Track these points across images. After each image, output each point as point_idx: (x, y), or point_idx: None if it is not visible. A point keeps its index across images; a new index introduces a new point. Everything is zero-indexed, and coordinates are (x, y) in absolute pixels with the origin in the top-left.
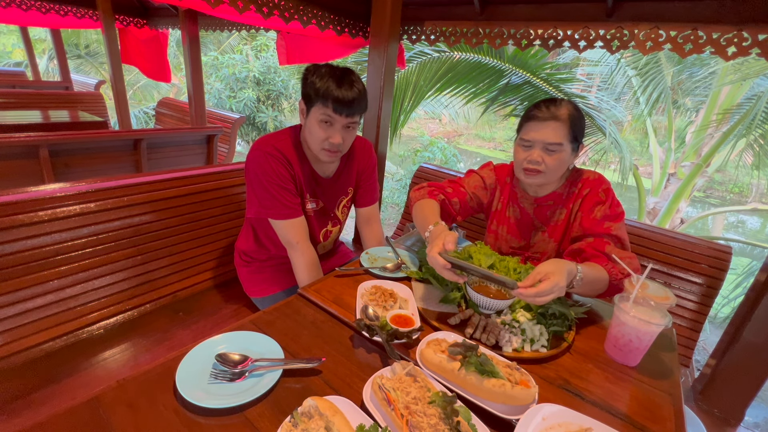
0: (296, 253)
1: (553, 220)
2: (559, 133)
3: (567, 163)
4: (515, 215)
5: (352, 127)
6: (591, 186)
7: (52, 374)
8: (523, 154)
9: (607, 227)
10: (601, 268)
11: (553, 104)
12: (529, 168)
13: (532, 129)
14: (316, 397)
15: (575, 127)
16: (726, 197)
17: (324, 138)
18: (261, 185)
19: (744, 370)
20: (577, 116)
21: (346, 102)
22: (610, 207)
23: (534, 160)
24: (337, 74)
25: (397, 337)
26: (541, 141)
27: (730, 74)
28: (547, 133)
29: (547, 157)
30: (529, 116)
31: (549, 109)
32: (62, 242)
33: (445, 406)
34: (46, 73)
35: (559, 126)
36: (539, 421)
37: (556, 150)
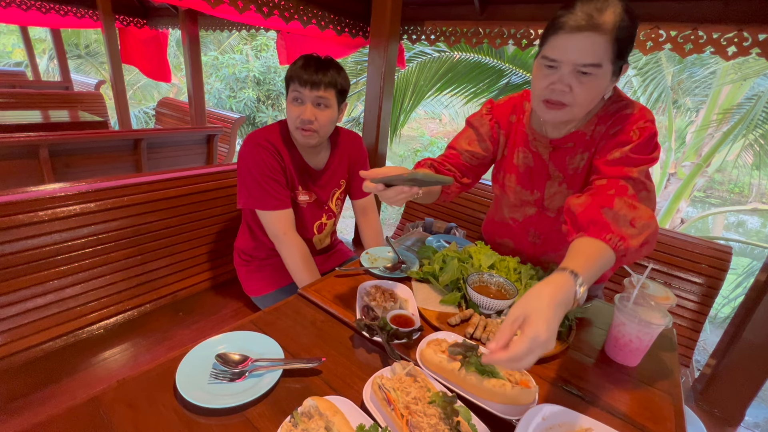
0: (283, 245)
1: (572, 167)
2: (598, 50)
3: (603, 91)
4: (526, 161)
5: (323, 104)
6: (624, 122)
7: (52, 374)
8: (544, 80)
9: (627, 170)
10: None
11: (595, 8)
12: (551, 100)
13: (560, 43)
14: (316, 397)
15: (623, 40)
16: (726, 197)
17: (296, 115)
18: (251, 175)
19: (744, 370)
20: (628, 22)
21: (310, 74)
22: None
23: (559, 89)
24: (308, 57)
25: (397, 337)
26: (572, 61)
27: (731, 74)
28: (580, 48)
29: (577, 85)
30: (557, 24)
31: (587, 13)
32: (62, 242)
33: (445, 406)
34: (47, 73)
35: (599, 39)
36: (539, 421)
37: (592, 73)
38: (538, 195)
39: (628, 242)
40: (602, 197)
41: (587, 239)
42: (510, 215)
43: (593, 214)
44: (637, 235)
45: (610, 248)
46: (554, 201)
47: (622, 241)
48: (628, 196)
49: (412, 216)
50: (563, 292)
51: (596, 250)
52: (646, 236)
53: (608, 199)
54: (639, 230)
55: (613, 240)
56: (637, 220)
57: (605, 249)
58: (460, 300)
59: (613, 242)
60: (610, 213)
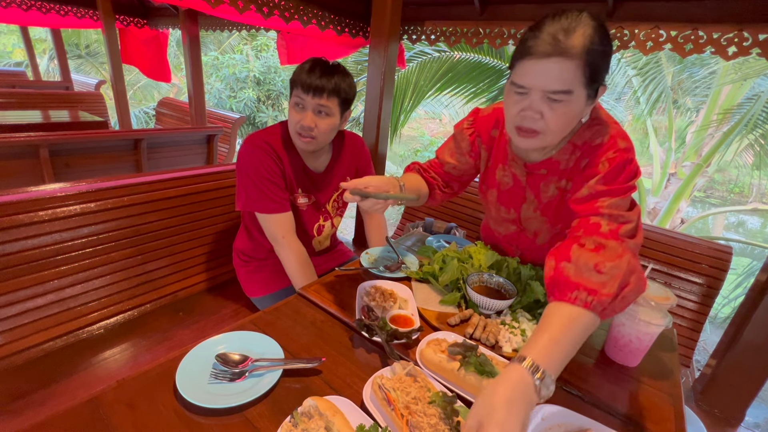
0: (282, 248)
1: (546, 195)
2: (567, 76)
3: (578, 116)
4: (506, 180)
5: (325, 112)
6: (592, 155)
7: (52, 374)
8: (514, 106)
9: (597, 205)
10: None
11: (562, 30)
12: (522, 127)
13: (527, 69)
14: (316, 397)
15: (594, 63)
16: (726, 197)
17: (296, 121)
18: (249, 178)
19: (744, 371)
20: (599, 45)
21: (315, 81)
22: (604, 178)
23: (529, 116)
24: (316, 62)
25: (396, 337)
26: (540, 88)
27: (731, 74)
28: (548, 75)
29: (548, 111)
30: (524, 49)
31: (553, 35)
32: (62, 242)
33: (445, 406)
34: (47, 73)
35: (567, 65)
36: (539, 421)
37: (563, 100)
38: (515, 215)
39: (599, 295)
40: (564, 248)
41: (555, 305)
42: (494, 227)
43: (556, 273)
44: (608, 282)
45: (581, 308)
46: (530, 224)
47: (592, 294)
48: (600, 233)
49: (412, 216)
50: (518, 390)
51: (566, 317)
52: (620, 280)
53: (567, 250)
54: (608, 275)
55: (580, 297)
56: (603, 263)
57: (576, 312)
58: (459, 300)
59: (581, 300)
60: (570, 266)
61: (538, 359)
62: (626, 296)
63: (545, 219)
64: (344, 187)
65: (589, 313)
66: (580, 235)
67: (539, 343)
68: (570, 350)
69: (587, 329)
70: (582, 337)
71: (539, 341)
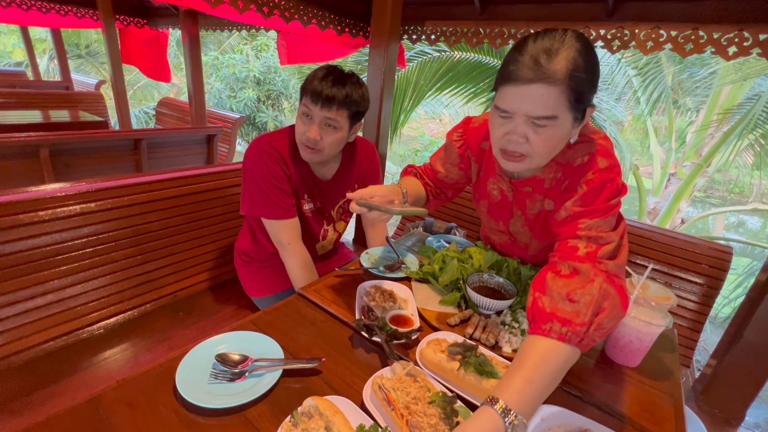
0: (287, 254)
1: (532, 212)
2: (550, 102)
3: (565, 139)
4: (494, 193)
5: (332, 126)
6: (571, 176)
7: (52, 374)
8: (499, 129)
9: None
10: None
11: (544, 53)
12: (508, 151)
13: (509, 94)
14: (316, 397)
15: (579, 86)
16: (726, 197)
17: (302, 132)
18: (255, 183)
19: (745, 371)
20: (584, 68)
21: (324, 93)
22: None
23: (514, 140)
24: (331, 71)
25: (396, 337)
26: (524, 113)
27: (731, 74)
28: (531, 101)
29: (533, 135)
30: (505, 73)
31: (536, 62)
32: (62, 242)
33: (445, 406)
34: (47, 73)
35: (550, 90)
36: (538, 422)
37: (547, 125)
38: (504, 227)
39: (573, 324)
40: (540, 278)
41: (531, 338)
42: (489, 234)
43: (533, 305)
44: (581, 311)
45: (557, 341)
46: (520, 237)
47: (566, 325)
48: (575, 257)
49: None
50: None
51: (541, 352)
52: (593, 307)
53: (542, 279)
54: (581, 303)
55: (554, 329)
56: (575, 291)
57: (552, 346)
58: (459, 300)
59: (555, 332)
60: (545, 298)
61: (511, 401)
62: (602, 324)
63: (533, 234)
64: (350, 197)
65: (566, 346)
66: (556, 261)
67: (512, 383)
68: (546, 387)
69: (565, 363)
70: (560, 372)
71: (513, 381)
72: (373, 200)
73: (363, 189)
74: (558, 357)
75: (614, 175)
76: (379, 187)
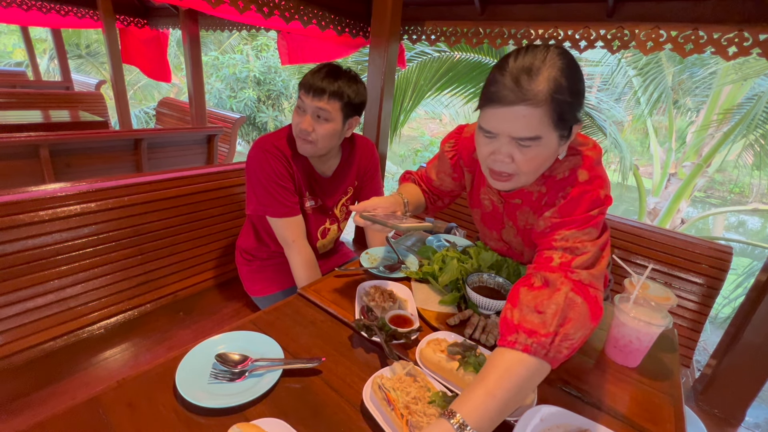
0: (293, 251)
1: (522, 223)
2: (533, 123)
3: (552, 156)
4: (486, 203)
5: (323, 117)
6: (552, 190)
7: (52, 374)
8: (485, 148)
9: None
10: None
11: (525, 73)
12: (495, 170)
13: (491, 116)
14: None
15: (562, 107)
16: (727, 197)
17: (296, 123)
18: (260, 183)
19: (745, 371)
20: (566, 88)
21: (316, 83)
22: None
23: (500, 159)
24: (325, 66)
25: (396, 337)
26: (507, 134)
27: (731, 74)
28: (515, 123)
29: (518, 154)
30: (487, 94)
31: (517, 83)
32: (63, 242)
33: (444, 405)
34: (47, 73)
35: (532, 112)
36: (537, 422)
37: (531, 145)
38: (497, 236)
39: (538, 335)
40: (514, 290)
41: (496, 351)
42: (486, 241)
43: (503, 317)
44: (546, 321)
45: (523, 354)
46: (514, 245)
47: (532, 336)
48: (549, 268)
49: None
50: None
51: (505, 365)
52: (558, 317)
53: (516, 293)
54: (547, 314)
55: (520, 341)
56: (542, 302)
57: (517, 358)
58: (459, 300)
59: (521, 343)
60: (515, 311)
61: (469, 417)
62: (568, 334)
63: (524, 244)
64: (353, 210)
65: (532, 359)
66: (531, 273)
67: (472, 397)
68: (509, 401)
69: (530, 377)
70: (525, 385)
71: (473, 395)
72: (376, 212)
73: (366, 201)
74: (522, 369)
75: (594, 187)
76: (381, 199)
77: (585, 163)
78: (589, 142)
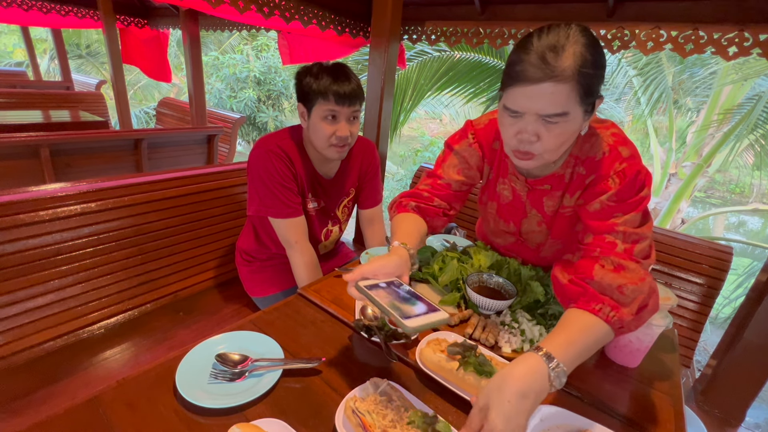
0: (295, 252)
1: (550, 209)
2: (561, 99)
3: (576, 132)
4: (505, 194)
5: (356, 117)
6: (597, 170)
7: (52, 374)
8: (510, 128)
9: (611, 223)
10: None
11: (551, 50)
12: (520, 150)
13: (518, 95)
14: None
15: (588, 81)
16: (727, 197)
17: (331, 133)
18: (263, 183)
19: (745, 371)
20: (591, 62)
21: (347, 93)
22: (617, 194)
23: (526, 138)
24: (330, 69)
25: (395, 337)
26: (534, 111)
27: (731, 74)
28: (542, 100)
29: (544, 132)
30: (513, 74)
31: (543, 60)
32: (63, 242)
33: (426, 428)
34: (47, 73)
35: (559, 88)
36: (537, 422)
37: (559, 122)
38: (514, 228)
39: (621, 312)
40: (585, 266)
41: (576, 311)
42: (492, 238)
43: (579, 286)
44: (629, 303)
45: (602, 321)
46: (531, 237)
47: (615, 311)
48: (616, 254)
49: None
50: (531, 380)
51: (585, 324)
52: (639, 302)
53: (590, 268)
54: (630, 297)
55: (604, 311)
56: (626, 285)
57: (596, 322)
58: (459, 300)
59: (604, 313)
60: (595, 284)
61: (554, 351)
62: (642, 317)
63: (549, 232)
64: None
65: (607, 327)
66: (597, 256)
67: (555, 340)
68: (583, 354)
69: (601, 341)
70: (595, 347)
71: (556, 338)
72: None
73: (364, 266)
74: (598, 333)
75: (639, 162)
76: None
77: (619, 139)
78: (607, 121)
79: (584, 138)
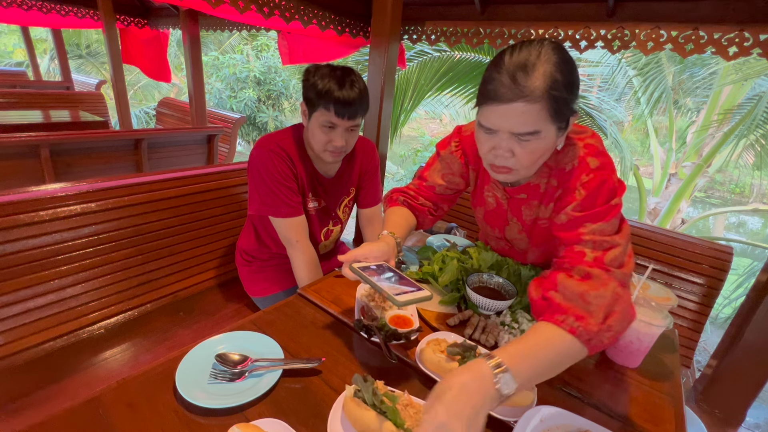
0: (296, 251)
1: (528, 218)
2: (531, 118)
3: (551, 148)
4: (490, 200)
5: (355, 130)
6: (566, 182)
7: (52, 374)
8: (485, 144)
9: (578, 232)
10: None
11: (521, 70)
12: (495, 165)
13: (490, 113)
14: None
15: (559, 101)
16: (727, 197)
17: (327, 141)
18: (263, 182)
19: (745, 371)
20: (562, 82)
21: (347, 105)
22: (581, 204)
23: (500, 154)
24: (338, 76)
25: (395, 337)
26: (507, 129)
27: (731, 74)
28: (514, 119)
29: (518, 149)
30: (485, 92)
31: (514, 80)
32: (63, 242)
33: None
34: (48, 73)
35: (529, 108)
36: (537, 423)
37: (531, 140)
38: (500, 234)
39: (586, 322)
40: (549, 279)
41: (539, 324)
42: (488, 240)
43: (544, 301)
44: (594, 311)
45: (565, 332)
46: (517, 243)
47: (579, 321)
48: (584, 262)
49: None
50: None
51: (547, 336)
52: (604, 309)
53: (553, 280)
54: (594, 305)
55: (567, 321)
56: (588, 292)
57: (559, 334)
58: (459, 301)
59: (568, 324)
60: (558, 294)
61: (504, 359)
62: (612, 326)
63: (530, 241)
64: (341, 260)
65: (574, 340)
66: (567, 267)
67: (509, 350)
68: (543, 369)
69: (567, 356)
70: (560, 362)
71: (510, 348)
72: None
73: (356, 250)
74: (563, 346)
75: (608, 173)
76: (373, 246)
77: (591, 150)
78: (587, 131)
79: (558, 153)
